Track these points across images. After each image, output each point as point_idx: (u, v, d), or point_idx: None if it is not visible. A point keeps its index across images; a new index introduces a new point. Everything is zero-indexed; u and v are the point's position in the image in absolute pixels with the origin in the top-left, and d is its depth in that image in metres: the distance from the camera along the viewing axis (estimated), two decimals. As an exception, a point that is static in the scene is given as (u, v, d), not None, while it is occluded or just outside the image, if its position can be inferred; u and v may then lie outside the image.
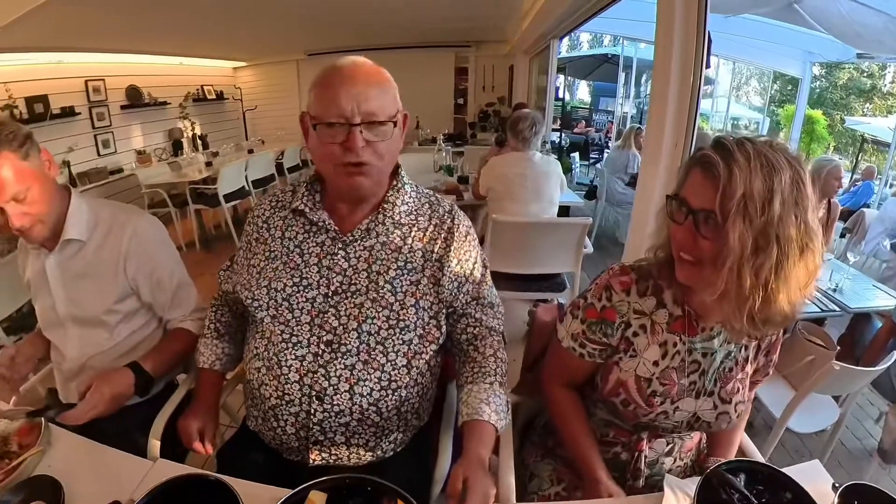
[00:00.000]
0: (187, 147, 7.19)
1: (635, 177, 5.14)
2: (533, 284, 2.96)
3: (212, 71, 8.08)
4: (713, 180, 0.82)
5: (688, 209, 0.87)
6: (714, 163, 0.82)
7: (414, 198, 1.12)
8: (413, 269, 1.05)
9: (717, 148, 0.84)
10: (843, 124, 12.61)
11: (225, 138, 7.97)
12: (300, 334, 1.02)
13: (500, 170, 2.99)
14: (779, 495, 0.86)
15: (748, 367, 1.06)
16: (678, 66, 2.00)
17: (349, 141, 0.95)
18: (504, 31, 7.31)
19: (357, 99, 0.94)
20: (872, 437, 2.71)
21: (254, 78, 8.80)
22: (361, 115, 0.94)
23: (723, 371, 1.04)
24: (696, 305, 1.00)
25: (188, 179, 5.26)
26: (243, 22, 5.42)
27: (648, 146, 2.32)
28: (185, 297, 1.41)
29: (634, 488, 1.10)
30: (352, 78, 0.96)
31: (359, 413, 1.02)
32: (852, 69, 12.93)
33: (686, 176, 0.90)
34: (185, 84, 7.38)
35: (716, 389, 1.04)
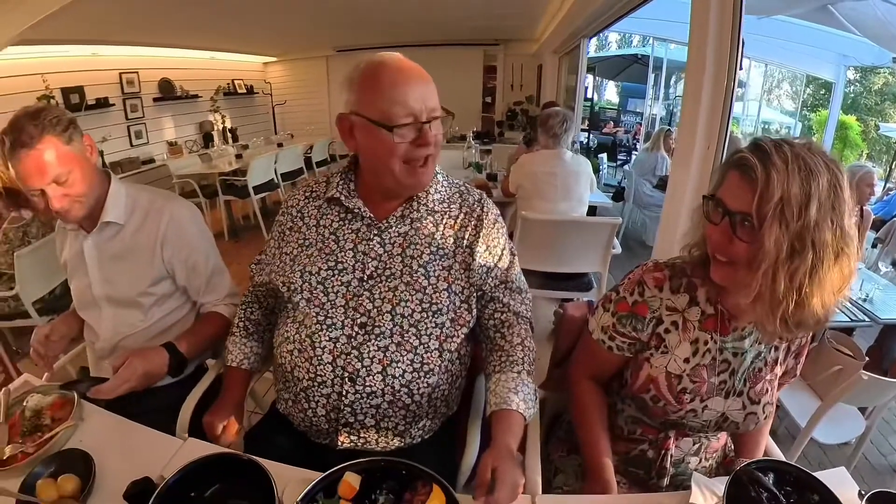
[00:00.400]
0: (217, 139, 7.34)
1: (663, 179, 5.08)
2: (560, 283, 2.95)
3: (242, 66, 8.22)
4: (751, 183, 0.83)
5: (724, 210, 0.88)
6: (752, 165, 0.82)
7: (446, 187, 1.16)
8: (445, 254, 1.09)
9: (754, 150, 0.85)
10: (878, 131, 12.18)
11: (255, 132, 8.13)
12: (335, 316, 1.06)
13: (530, 168, 2.98)
14: (806, 497, 0.86)
15: (777, 369, 1.07)
16: (712, 67, 1.98)
17: (422, 138, 1.00)
18: (533, 30, 7.27)
19: (423, 97, 0.99)
20: (892, 449, 2.65)
21: (283, 73, 8.92)
22: (428, 113, 1.00)
23: (753, 371, 1.04)
24: (729, 305, 1.01)
25: (218, 171, 5.38)
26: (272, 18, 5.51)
27: (680, 148, 2.30)
28: (220, 282, 1.45)
29: (658, 487, 1.11)
30: (412, 77, 1.00)
31: (390, 395, 1.04)
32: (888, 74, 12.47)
33: (723, 177, 0.91)
34: (216, 78, 7.53)
35: (745, 389, 1.04)
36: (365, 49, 7.20)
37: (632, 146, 10.11)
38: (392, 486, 0.88)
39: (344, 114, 1.05)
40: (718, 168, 0.96)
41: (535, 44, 7.86)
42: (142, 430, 1.06)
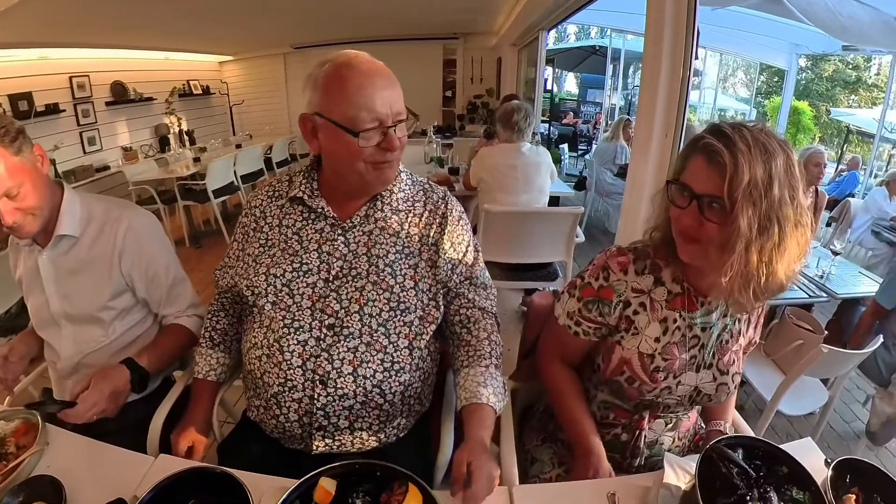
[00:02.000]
0: (174, 143, 7.11)
1: (624, 167, 5.18)
2: (525, 274, 2.98)
3: (198, 65, 7.98)
4: (719, 167, 0.86)
5: (692, 194, 0.91)
6: (718, 150, 0.86)
7: (409, 185, 1.15)
8: (411, 252, 1.09)
9: (718, 135, 0.88)
10: (829, 115, 12.77)
11: (212, 133, 7.90)
12: (302, 319, 1.04)
13: (490, 161, 2.99)
14: (775, 469, 0.88)
15: (742, 340, 1.11)
16: (668, 57, 2.01)
17: (387, 142, 0.99)
18: (492, 23, 7.29)
19: (390, 101, 0.98)
20: (860, 419, 2.78)
21: (240, 72, 8.70)
22: (394, 117, 0.99)
23: (720, 344, 1.08)
24: (694, 282, 1.04)
25: (176, 175, 5.21)
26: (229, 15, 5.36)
27: (639, 137, 2.33)
28: (181, 292, 1.39)
29: (633, 468, 1.13)
30: (379, 81, 0.98)
31: (363, 395, 1.03)
32: (838, 61, 13.08)
33: (686, 162, 0.94)
34: (170, 79, 7.29)
35: (714, 362, 1.08)
36: (323, 46, 7.11)
37: (592, 136, 10.27)
38: (368, 488, 0.87)
39: (307, 114, 1.02)
40: (680, 153, 0.98)
41: (494, 37, 7.89)
42: (111, 450, 1.02)
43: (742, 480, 0.84)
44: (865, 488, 0.90)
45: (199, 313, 1.37)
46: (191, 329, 1.36)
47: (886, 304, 2.41)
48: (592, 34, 13.21)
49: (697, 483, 0.81)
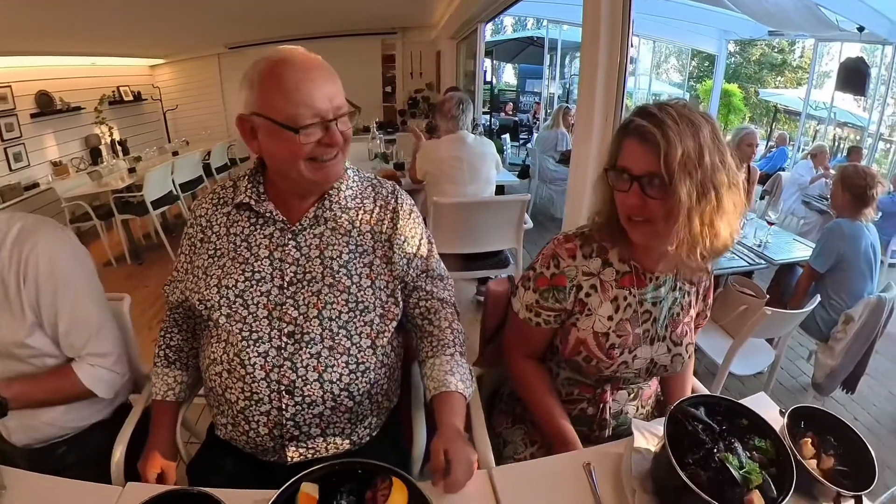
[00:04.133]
0: (107, 154, 6.71)
1: (566, 154, 5.32)
2: (478, 263, 3.02)
3: (127, 70, 7.55)
4: (652, 146, 0.91)
5: (631, 176, 0.95)
6: (649, 130, 0.91)
7: (357, 182, 1.12)
8: (365, 251, 1.06)
9: (646, 116, 0.93)
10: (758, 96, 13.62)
11: (146, 142, 7.49)
12: (260, 330, 1.00)
13: (435, 153, 3.00)
14: (736, 422, 0.93)
15: (692, 311, 1.17)
16: (605, 46, 2.08)
17: (329, 137, 0.95)
18: (430, 16, 7.29)
19: (330, 95, 0.95)
20: (805, 374, 3.01)
21: (172, 75, 8.30)
22: (335, 111, 0.95)
23: (671, 316, 1.13)
24: (641, 260, 1.09)
25: (111, 188, 4.91)
26: (158, 15, 5.11)
27: (580, 124, 2.41)
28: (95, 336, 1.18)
29: (602, 439, 1.16)
30: (317, 75, 0.94)
31: (331, 401, 1.01)
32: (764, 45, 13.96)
33: (620, 146, 0.98)
34: (99, 86, 6.86)
35: (667, 334, 1.13)
36: (259, 44, 6.89)
37: (532, 125, 10.45)
38: (351, 487, 0.85)
39: (244, 115, 0.98)
40: (613, 139, 1.01)
41: (432, 30, 7.89)
42: (73, 485, 0.94)
43: (708, 435, 0.88)
44: (818, 432, 0.98)
45: (112, 367, 1.20)
46: (81, 380, 1.15)
47: (820, 268, 2.59)
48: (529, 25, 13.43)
49: (667, 443, 0.84)
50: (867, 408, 2.93)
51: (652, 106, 0.95)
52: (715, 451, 0.85)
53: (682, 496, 0.80)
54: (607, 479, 0.95)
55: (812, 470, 0.90)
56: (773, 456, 0.87)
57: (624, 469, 0.95)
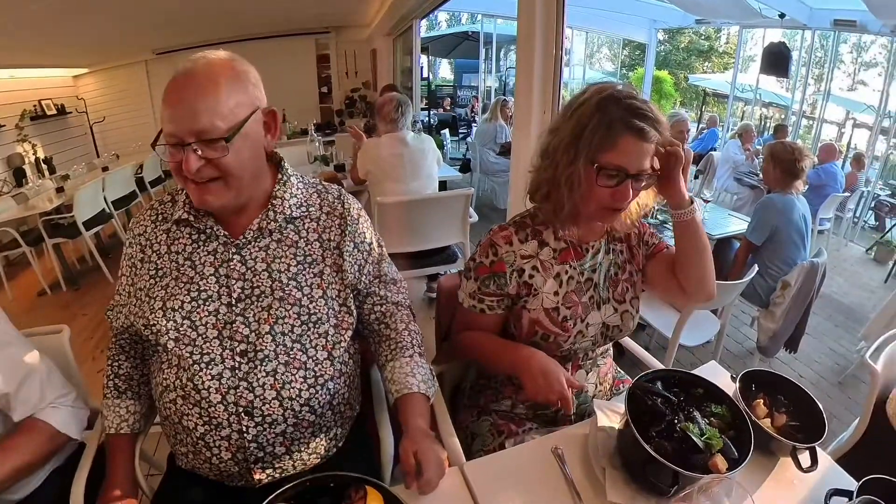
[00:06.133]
0: (31, 174, 6.25)
1: (505, 146, 5.40)
2: (426, 260, 3.03)
3: (49, 82, 7.03)
4: (650, 144, 0.99)
5: (625, 174, 1.00)
6: (647, 130, 0.98)
7: (301, 189, 1.07)
8: (314, 260, 1.02)
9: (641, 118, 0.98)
10: (687, 82, 14.32)
11: (73, 158, 7.03)
12: (211, 351, 0.95)
13: (375, 152, 2.98)
14: (692, 392, 0.98)
15: (629, 267, 1.23)
16: (541, 38, 2.13)
17: (184, 161, 0.88)
18: (364, 14, 7.22)
19: (186, 116, 0.86)
20: (750, 339, 3.20)
21: (98, 85, 7.81)
22: (192, 134, 0.86)
23: (610, 277, 1.21)
24: (574, 234, 1.16)
25: (38, 211, 4.57)
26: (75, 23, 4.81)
27: (519, 116, 2.46)
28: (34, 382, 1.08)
29: (567, 420, 1.19)
30: (182, 90, 0.88)
31: (293, 417, 0.98)
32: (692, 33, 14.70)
33: (613, 142, 0.99)
34: (19, 101, 6.34)
35: (609, 295, 1.20)
36: (189, 49, 6.60)
37: (471, 119, 10.51)
38: (325, 502, 0.83)
39: None
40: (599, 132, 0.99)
41: (366, 29, 7.82)
42: None
43: (667, 407, 0.91)
44: (769, 392, 1.05)
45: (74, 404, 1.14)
46: (53, 426, 1.08)
47: (756, 241, 2.75)
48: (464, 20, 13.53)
49: (629, 419, 0.87)
50: (810, 364, 3.18)
51: (639, 101, 0.99)
52: (676, 422, 0.88)
53: (650, 468, 0.83)
54: (576, 460, 0.97)
55: (767, 428, 0.97)
56: (729, 420, 0.92)
57: (591, 449, 0.97)
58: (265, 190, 1.02)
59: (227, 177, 0.91)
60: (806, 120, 9.35)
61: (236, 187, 0.94)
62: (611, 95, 1.00)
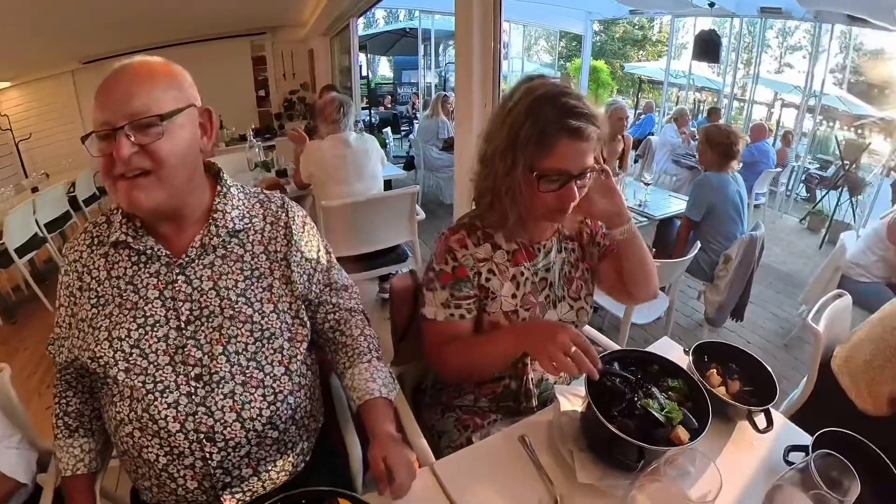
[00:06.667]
0: (-48, 201, 5.79)
1: (448, 141, 5.43)
2: (376, 261, 3.00)
3: (-33, 99, 6.53)
4: (590, 142, 0.97)
5: (568, 176, 0.98)
6: (584, 129, 0.95)
7: (243, 200, 1.03)
8: (261, 274, 0.98)
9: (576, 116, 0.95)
10: (623, 70, 14.83)
11: (0, 180, 6.58)
12: (164, 379, 0.90)
13: (318, 154, 2.93)
14: (648, 368, 1.01)
15: (581, 265, 1.24)
16: (479, 33, 2.14)
17: (115, 147, 0.81)
18: (300, 14, 7.06)
19: (120, 99, 0.82)
20: (698, 311, 3.36)
21: (22, 100, 7.27)
22: (125, 117, 0.81)
23: (564, 276, 1.21)
24: (525, 235, 1.15)
25: (-36, 241, 4.25)
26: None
27: (460, 110, 2.47)
28: None
29: (531, 410, 1.19)
30: (116, 79, 0.84)
31: (256, 437, 0.94)
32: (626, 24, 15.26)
33: (552, 147, 0.97)
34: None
35: (564, 293, 1.21)
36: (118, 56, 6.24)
37: (412, 116, 10.48)
38: None
39: None
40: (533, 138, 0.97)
41: (303, 28, 7.65)
42: None
43: (626, 386, 0.93)
44: (720, 361, 1.10)
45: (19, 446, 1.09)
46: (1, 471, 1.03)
47: (696, 217, 2.88)
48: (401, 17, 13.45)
49: (591, 401, 0.88)
50: (756, 331, 3.37)
51: (572, 98, 0.97)
52: (636, 400, 0.91)
53: (616, 446, 0.85)
54: (543, 446, 0.98)
55: (723, 396, 1.02)
56: (686, 392, 0.96)
57: (556, 434, 0.98)
58: (204, 203, 0.97)
59: (160, 169, 0.85)
60: (737, 102, 9.91)
61: (169, 185, 0.87)
62: (542, 96, 0.98)
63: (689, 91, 10.75)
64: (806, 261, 5.01)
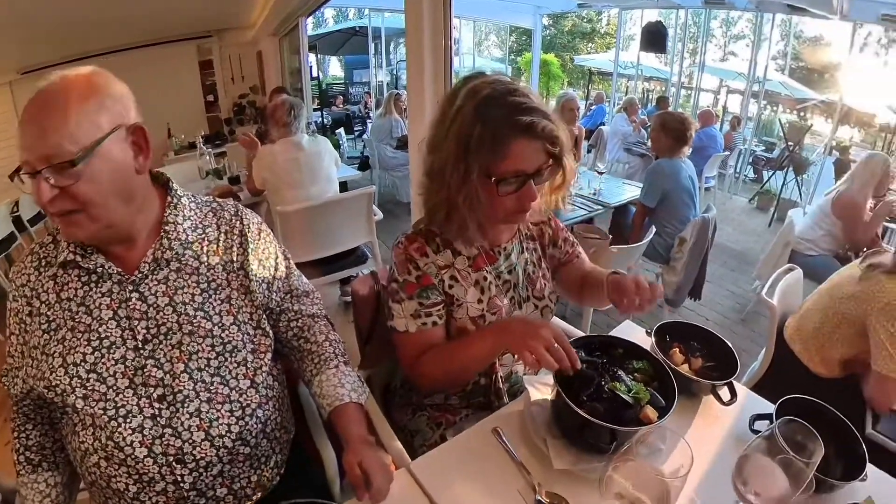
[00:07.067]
0: None
1: (402, 140, 5.40)
2: (336, 265, 2.95)
3: None
4: (543, 138, 0.94)
5: (525, 176, 0.96)
6: (537, 124, 0.93)
7: (195, 210, 0.99)
8: (219, 286, 0.95)
9: (527, 112, 0.93)
10: (573, 63, 15.16)
11: (-63, 204, 6.11)
12: (126, 403, 0.86)
13: (270, 159, 2.85)
14: (612, 352, 1.02)
15: (543, 264, 1.25)
16: (429, 30, 2.14)
17: (35, 192, 0.79)
18: (247, 15, 6.86)
19: (35, 136, 0.78)
20: None
21: (-45, 116, 6.82)
22: (42, 160, 0.77)
23: (527, 277, 1.21)
24: (484, 239, 1.13)
25: None
26: None
27: (413, 108, 2.46)
28: None
29: (502, 403, 1.19)
30: (32, 109, 0.80)
31: (227, 455, 0.91)
32: (575, 17, 15.62)
33: (506, 149, 0.94)
34: None
35: (529, 293, 1.20)
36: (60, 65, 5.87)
37: (365, 116, 10.37)
38: None
39: None
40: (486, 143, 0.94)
41: (250, 30, 7.44)
42: None
43: (593, 371, 0.95)
44: (682, 340, 1.14)
45: None
46: None
47: (650, 204, 2.98)
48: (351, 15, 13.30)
49: (560, 389, 0.89)
50: (714, 308, 3.52)
51: (519, 94, 0.94)
52: (603, 384, 0.92)
53: (588, 431, 0.86)
54: (517, 437, 0.98)
55: (687, 373, 1.05)
56: (652, 372, 0.98)
57: (529, 424, 0.99)
58: (153, 218, 0.93)
59: (87, 208, 0.81)
60: (684, 90, 10.30)
61: (102, 219, 0.83)
62: (488, 97, 0.94)
63: (638, 81, 11.11)
64: (757, 238, 5.25)
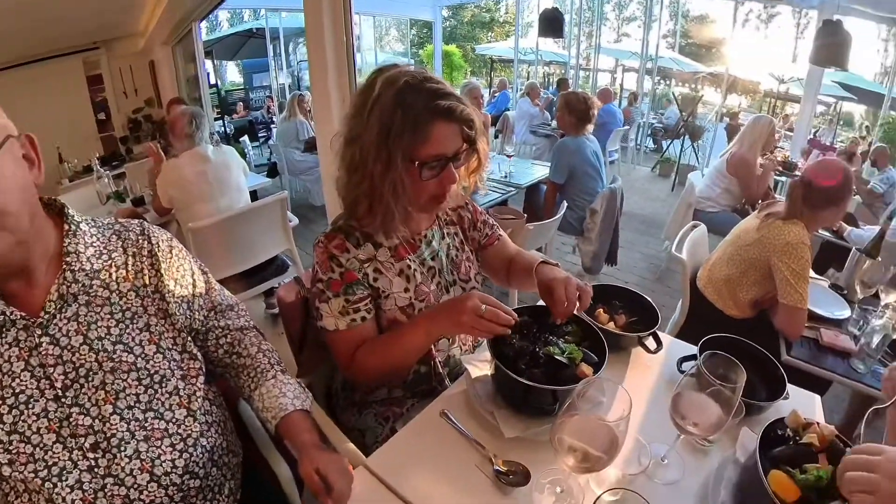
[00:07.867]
0: None
1: (309, 142, 5.27)
2: (256, 277, 2.85)
3: None
4: (460, 121, 0.98)
5: (445, 160, 0.99)
6: (454, 107, 0.96)
7: (97, 235, 0.90)
8: (134, 314, 0.87)
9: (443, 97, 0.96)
10: (475, 52, 15.47)
11: None
12: (58, 460, 0.78)
13: (176, 174, 2.68)
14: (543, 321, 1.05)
15: (466, 247, 1.29)
16: (330, 28, 2.12)
17: None
18: (136, 22, 6.33)
19: None
20: (575, 264, 3.66)
21: None
22: None
23: (451, 261, 1.23)
24: (406, 230, 1.15)
25: None
26: None
27: (318, 109, 2.44)
28: None
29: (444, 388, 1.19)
30: None
31: (178, 492, 0.86)
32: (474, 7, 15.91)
33: (425, 133, 0.96)
34: None
35: (455, 277, 1.23)
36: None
37: (269, 121, 10.05)
38: None
39: None
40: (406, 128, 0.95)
41: (141, 38, 6.90)
42: None
43: (527, 341, 0.99)
44: (605, 301, 1.24)
45: None
46: None
47: (559, 180, 3.15)
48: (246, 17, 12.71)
49: (497, 362, 0.93)
50: (631, 271, 3.80)
51: (434, 80, 0.97)
52: (538, 350, 0.97)
53: (531, 397, 0.91)
54: (465, 416, 1.01)
55: (614, 330, 1.15)
56: (581, 334, 1.05)
57: (474, 400, 1.02)
58: (51, 248, 0.83)
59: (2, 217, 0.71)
60: (583, 72, 10.87)
61: (12, 227, 0.74)
62: (407, 84, 0.95)
63: (539, 66, 11.56)
64: (662, 203, 5.68)
